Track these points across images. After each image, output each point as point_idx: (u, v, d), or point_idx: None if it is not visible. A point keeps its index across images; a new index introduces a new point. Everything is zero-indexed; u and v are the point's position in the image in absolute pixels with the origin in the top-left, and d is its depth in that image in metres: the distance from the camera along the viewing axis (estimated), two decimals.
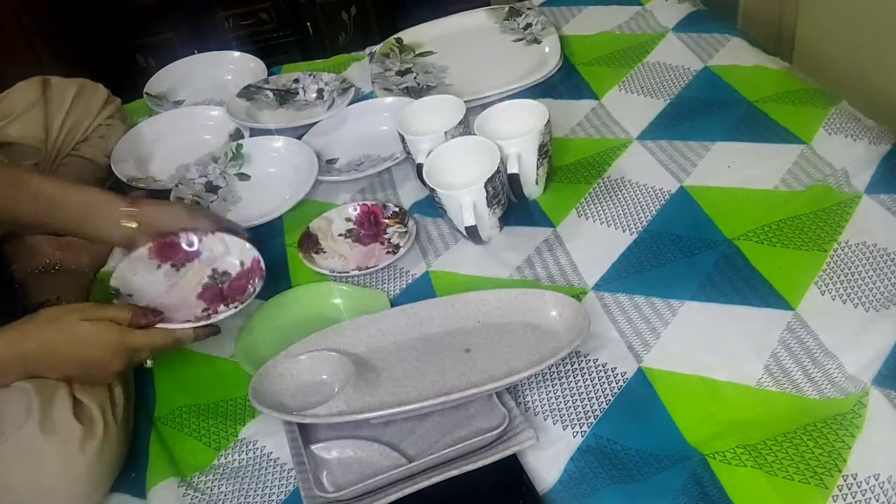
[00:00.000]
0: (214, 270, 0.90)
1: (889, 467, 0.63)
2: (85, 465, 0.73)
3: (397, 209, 1.00)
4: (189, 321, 0.82)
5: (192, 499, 0.74)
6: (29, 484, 0.72)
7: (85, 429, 0.74)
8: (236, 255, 0.91)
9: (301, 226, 1.01)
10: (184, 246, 0.91)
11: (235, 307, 0.83)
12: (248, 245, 0.90)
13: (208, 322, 0.82)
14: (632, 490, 0.67)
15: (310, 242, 0.99)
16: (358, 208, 1.01)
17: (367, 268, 0.94)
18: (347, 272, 0.94)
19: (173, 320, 0.82)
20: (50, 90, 1.10)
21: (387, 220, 1.00)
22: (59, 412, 0.73)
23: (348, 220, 1.00)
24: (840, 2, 1.20)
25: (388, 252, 0.95)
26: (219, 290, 0.89)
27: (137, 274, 0.88)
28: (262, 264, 0.88)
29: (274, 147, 1.14)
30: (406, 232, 0.97)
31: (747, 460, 0.66)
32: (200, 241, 0.91)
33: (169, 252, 0.90)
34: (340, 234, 1.00)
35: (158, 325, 0.79)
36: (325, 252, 0.97)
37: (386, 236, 0.98)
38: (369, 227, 1.00)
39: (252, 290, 0.85)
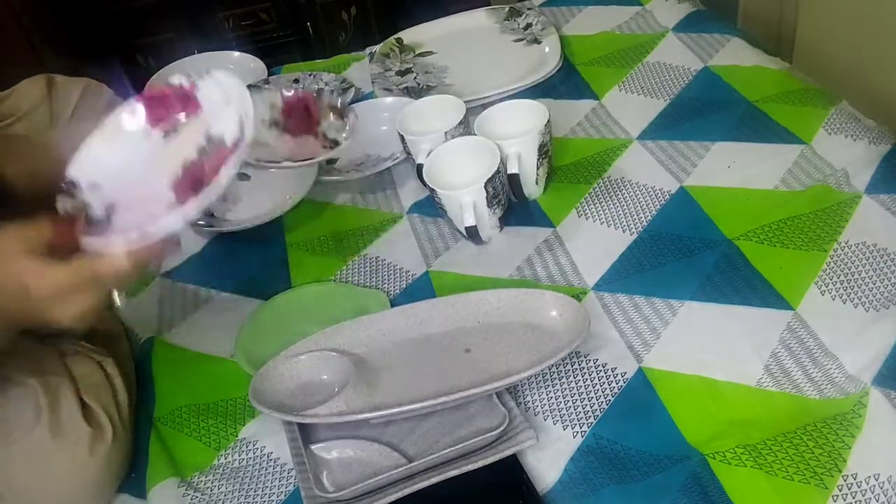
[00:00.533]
0: (208, 139, 0.64)
1: (889, 467, 0.63)
2: (94, 468, 0.74)
3: (336, 103, 0.87)
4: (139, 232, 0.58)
5: (192, 499, 0.74)
6: (37, 487, 0.72)
7: (94, 432, 0.74)
8: (235, 107, 0.64)
9: (301, 226, 1.01)
10: (176, 84, 0.67)
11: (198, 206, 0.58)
12: (245, 91, 0.64)
13: (145, 233, 0.57)
14: (632, 490, 0.67)
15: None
16: (289, 93, 0.85)
17: (302, 160, 0.81)
18: (278, 162, 0.81)
19: (123, 224, 0.60)
20: (55, 89, 1.10)
21: (322, 111, 0.86)
22: (68, 415, 0.73)
23: (273, 106, 0.84)
24: (840, 2, 1.20)
25: (325, 147, 0.85)
26: (199, 171, 0.63)
27: (115, 153, 0.65)
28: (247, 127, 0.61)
29: None
30: (344, 126, 0.85)
31: (747, 460, 0.66)
32: (193, 82, 0.67)
33: (159, 106, 0.67)
34: (263, 120, 0.84)
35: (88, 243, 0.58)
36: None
37: (320, 128, 0.85)
38: (299, 119, 0.85)
39: (224, 174, 0.59)
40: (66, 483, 0.72)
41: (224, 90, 0.66)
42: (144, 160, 0.65)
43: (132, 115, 0.66)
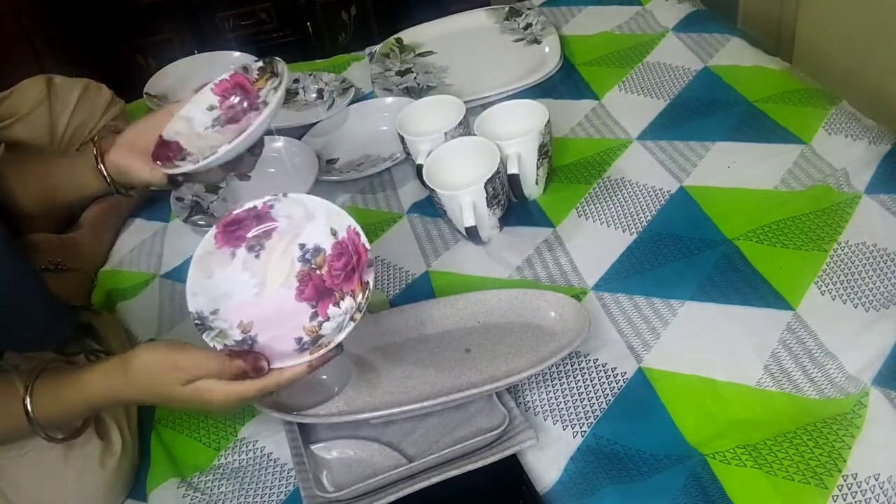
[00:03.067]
0: (303, 248, 0.70)
1: (889, 467, 0.63)
2: (103, 480, 0.74)
3: (265, 62, 0.79)
4: (300, 340, 0.65)
5: (192, 499, 0.74)
6: (46, 499, 0.72)
7: (104, 444, 0.75)
8: (322, 219, 0.70)
9: None
10: (250, 206, 0.70)
11: (355, 309, 0.65)
12: (331, 205, 0.69)
13: (327, 348, 0.63)
14: (632, 490, 0.67)
15: (169, 152, 0.75)
16: (218, 84, 0.79)
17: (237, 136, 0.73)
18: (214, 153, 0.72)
19: (279, 342, 0.65)
20: (54, 90, 1.10)
21: (257, 83, 0.79)
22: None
23: (212, 108, 0.79)
24: (840, 2, 1.20)
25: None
26: (319, 281, 0.69)
27: (213, 276, 0.68)
28: (363, 237, 0.67)
29: (274, 147, 1.14)
30: (276, 78, 0.77)
31: (747, 460, 0.66)
32: (270, 203, 0.70)
33: (239, 230, 0.70)
34: (207, 128, 0.78)
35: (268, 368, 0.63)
36: (192, 154, 0.75)
37: (259, 100, 0.78)
38: (240, 102, 0.79)
39: (366, 283, 0.65)
40: (76, 495, 0.73)
41: (306, 208, 0.70)
42: (249, 278, 0.69)
43: (213, 239, 0.70)
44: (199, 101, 0.78)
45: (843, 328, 0.75)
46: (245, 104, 0.78)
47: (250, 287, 0.69)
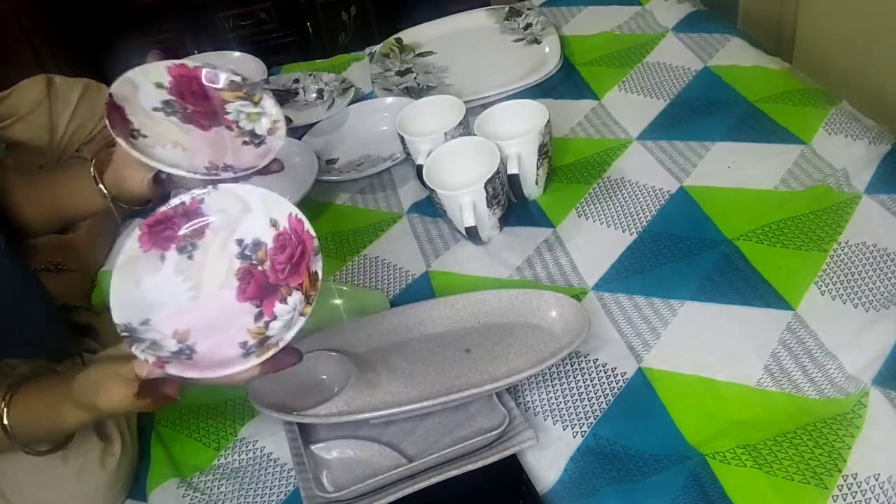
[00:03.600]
0: (241, 243, 0.64)
1: (889, 467, 0.63)
2: (103, 480, 0.74)
3: (236, 78, 0.71)
4: (245, 344, 0.59)
5: (192, 499, 0.74)
6: (46, 500, 0.72)
7: (104, 445, 0.75)
8: (260, 209, 0.64)
9: None
10: (177, 202, 0.64)
11: (304, 303, 0.59)
12: (268, 193, 0.64)
13: (276, 348, 0.57)
14: (632, 490, 0.67)
15: (118, 118, 0.66)
16: (177, 66, 0.70)
17: (236, 172, 0.66)
18: (209, 175, 0.66)
19: (222, 348, 0.59)
20: (55, 89, 1.10)
21: (219, 92, 0.71)
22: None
23: (160, 86, 0.70)
24: (840, 2, 1.20)
25: (247, 143, 0.69)
26: (262, 277, 0.63)
27: (140, 283, 0.62)
28: (307, 224, 0.63)
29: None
30: (260, 113, 0.70)
31: (747, 460, 0.66)
32: (199, 196, 0.64)
33: (166, 231, 0.63)
34: (157, 110, 0.69)
35: (200, 377, 0.57)
36: (145, 136, 0.66)
37: (228, 116, 0.70)
38: (197, 101, 0.71)
39: (314, 273, 0.60)
40: (75, 495, 0.73)
41: (240, 199, 0.65)
42: (182, 282, 0.63)
43: (138, 241, 0.63)
44: (150, 72, 0.69)
45: (843, 328, 0.75)
46: (206, 109, 0.70)
47: (185, 292, 0.62)
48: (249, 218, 0.64)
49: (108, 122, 0.65)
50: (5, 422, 0.64)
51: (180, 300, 0.62)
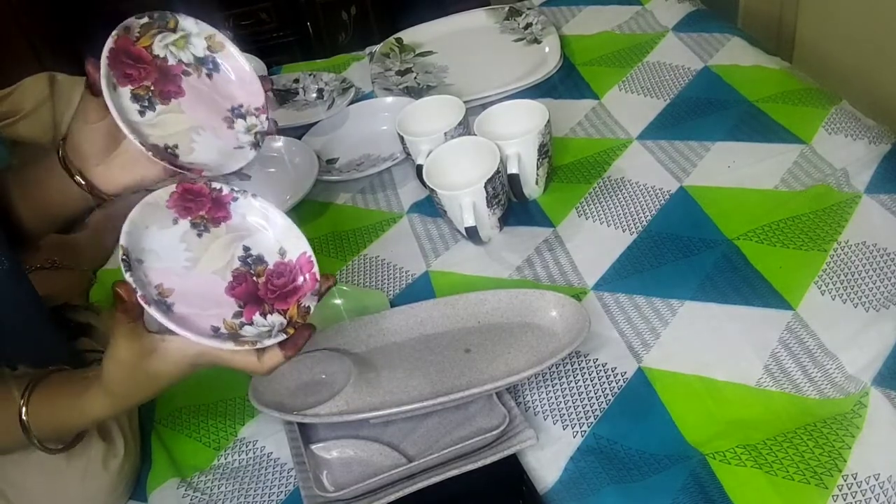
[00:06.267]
0: (247, 250, 0.66)
1: (889, 467, 0.63)
2: (106, 482, 0.74)
3: (141, 19, 0.69)
4: (217, 329, 0.60)
5: (192, 499, 0.74)
6: (49, 501, 0.72)
7: (107, 446, 0.75)
8: (276, 235, 0.67)
9: (301, 226, 1.00)
10: (217, 187, 0.66)
11: (286, 325, 0.62)
12: (293, 227, 0.66)
13: (251, 345, 0.59)
14: (632, 490, 0.67)
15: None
16: (110, 52, 0.67)
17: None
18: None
19: (196, 319, 0.60)
20: (57, 87, 1.09)
21: (139, 43, 0.69)
22: None
23: (113, 87, 0.65)
24: (840, 2, 1.20)
25: (209, 75, 0.69)
26: (253, 286, 0.65)
27: (150, 228, 0.63)
28: (316, 267, 0.65)
29: (274, 147, 1.14)
30: (185, 36, 0.68)
31: (747, 460, 0.66)
32: (235, 195, 0.66)
33: (192, 203, 0.66)
34: (140, 112, 0.66)
35: (181, 332, 0.58)
36: (175, 147, 0.66)
37: (167, 61, 0.68)
38: (142, 67, 0.68)
39: (306, 308, 0.63)
40: (78, 497, 0.73)
41: (266, 217, 0.67)
42: (183, 250, 0.64)
43: (168, 195, 0.65)
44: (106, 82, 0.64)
45: (843, 328, 0.75)
46: (154, 71, 0.67)
47: (182, 259, 0.64)
48: (264, 236, 0.67)
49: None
50: (24, 417, 0.63)
51: (175, 263, 0.63)
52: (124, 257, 0.60)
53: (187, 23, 0.69)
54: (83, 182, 0.67)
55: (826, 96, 1.02)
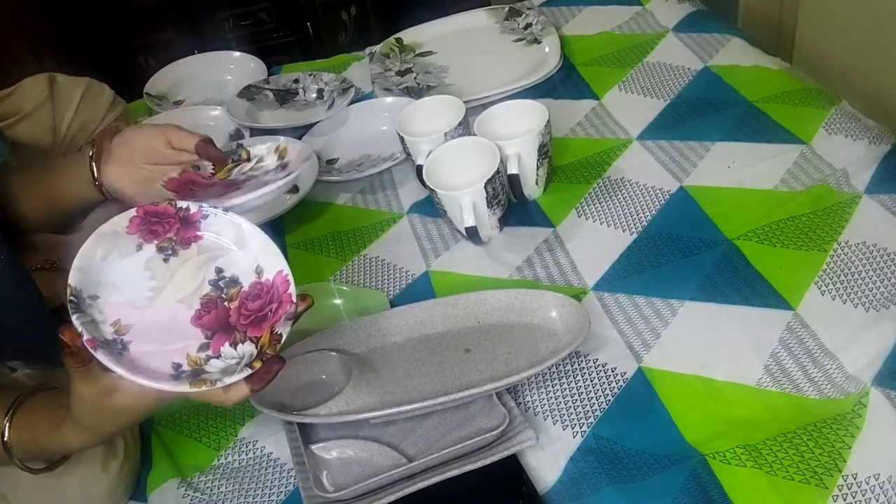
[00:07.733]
0: (219, 272, 0.62)
1: (889, 467, 0.63)
2: (106, 484, 0.74)
3: (206, 162, 0.74)
4: (178, 367, 0.56)
5: (192, 499, 0.74)
6: (48, 503, 0.72)
7: (107, 447, 0.75)
8: (252, 253, 0.63)
9: (301, 226, 1.00)
10: (183, 206, 0.63)
11: (254, 357, 0.57)
12: (270, 243, 0.63)
13: (213, 385, 0.55)
14: (632, 490, 0.67)
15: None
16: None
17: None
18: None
19: (154, 359, 0.56)
20: (57, 88, 1.09)
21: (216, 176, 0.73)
22: None
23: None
24: (840, 2, 1.20)
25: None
26: (224, 313, 0.61)
27: (108, 258, 0.59)
28: (293, 287, 0.60)
29: None
30: (259, 160, 0.75)
31: (747, 460, 0.66)
32: (204, 212, 0.63)
33: (158, 226, 0.62)
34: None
35: (131, 378, 0.53)
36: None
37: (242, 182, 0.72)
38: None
39: (278, 335, 0.58)
40: (78, 499, 0.73)
41: (241, 235, 0.64)
42: (147, 279, 0.60)
43: (127, 220, 0.61)
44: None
45: (843, 328, 0.75)
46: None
47: (145, 289, 0.60)
48: (239, 255, 0.63)
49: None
50: (6, 438, 0.63)
51: (136, 295, 0.59)
52: (72, 298, 0.56)
53: (259, 149, 0.75)
54: (105, 189, 0.73)
55: (826, 96, 1.02)
